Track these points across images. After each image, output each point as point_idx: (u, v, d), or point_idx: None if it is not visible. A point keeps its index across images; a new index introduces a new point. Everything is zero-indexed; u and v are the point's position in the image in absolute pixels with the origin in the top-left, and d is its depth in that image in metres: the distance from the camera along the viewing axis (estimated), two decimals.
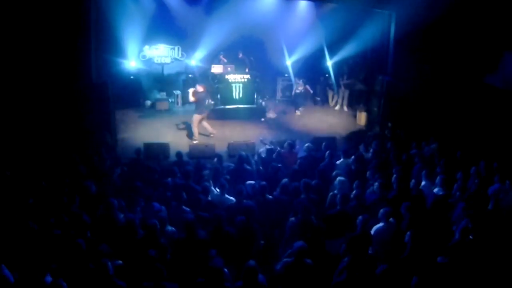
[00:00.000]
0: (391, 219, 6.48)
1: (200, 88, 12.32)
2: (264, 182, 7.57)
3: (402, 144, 10.43)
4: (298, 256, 5.39)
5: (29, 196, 7.02)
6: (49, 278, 4.92)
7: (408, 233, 6.17)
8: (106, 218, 6.53)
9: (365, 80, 15.28)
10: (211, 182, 7.86)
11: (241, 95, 14.64)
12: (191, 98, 12.47)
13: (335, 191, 7.59)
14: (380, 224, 6.44)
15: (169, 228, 6.41)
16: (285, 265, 5.46)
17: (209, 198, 7.31)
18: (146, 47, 15.07)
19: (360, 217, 6.24)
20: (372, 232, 6.37)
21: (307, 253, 5.42)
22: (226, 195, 7.44)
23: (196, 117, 12.36)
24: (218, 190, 7.70)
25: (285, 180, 7.78)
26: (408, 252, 5.94)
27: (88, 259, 5.37)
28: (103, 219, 6.52)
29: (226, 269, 5.26)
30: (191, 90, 12.51)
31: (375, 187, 7.59)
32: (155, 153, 10.58)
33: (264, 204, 7.19)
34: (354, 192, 7.36)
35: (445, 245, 5.89)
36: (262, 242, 6.66)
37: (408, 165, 9.02)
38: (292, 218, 6.57)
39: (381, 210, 6.47)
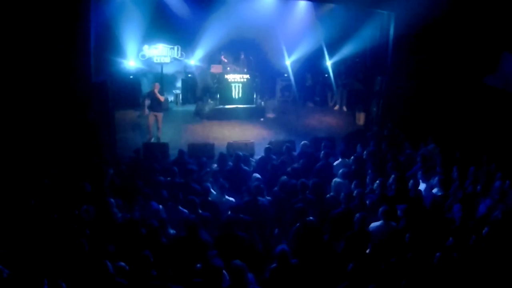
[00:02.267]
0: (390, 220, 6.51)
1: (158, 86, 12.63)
2: (260, 184, 7.57)
3: (401, 144, 10.45)
4: (280, 260, 5.37)
5: (29, 194, 7.04)
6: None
7: (408, 234, 6.19)
8: (104, 217, 6.53)
9: (364, 80, 15.31)
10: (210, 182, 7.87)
11: (240, 95, 14.66)
12: (162, 98, 12.58)
13: (332, 193, 7.62)
14: (379, 222, 6.46)
15: (171, 230, 6.41)
16: (270, 271, 5.45)
17: (209, 199, 7.30)
18: (146, 46, 15.06)
19: (357, 215, 6.26)
20: (371, 229, 6.39)
21: (289, 256, 5.41)
22: (226, 196, 7.43)
23: (161, 115, 12.60)
24: (214, 191, 7.69)
25: (284, 177, 7.78)
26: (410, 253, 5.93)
27: (90, 259, 5.39)
28: (101, 219, 6.52)
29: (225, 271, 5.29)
30: (156, 91, 12.44)
31: (375, 185, 7.61)
32: (154, 152, 10.57)
33: (262, 204, 7.20)
34: (355, 191, 7.39)
35: (443, 245, 5.91)
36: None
37: (406, 166, 9.04)
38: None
39: (381, 209, 6.51)
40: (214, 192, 7.56)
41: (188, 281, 5.25)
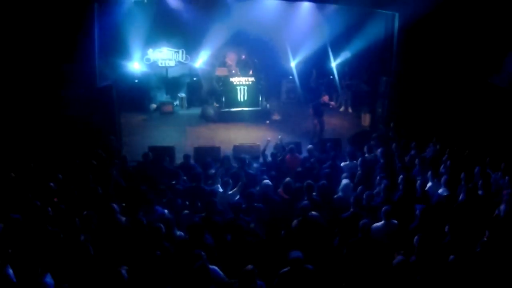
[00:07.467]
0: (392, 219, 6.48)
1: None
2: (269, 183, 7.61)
3: (407, 144, 10.41)
4: (293, 266, 5.33)
5: (35, 198, 7.06)
6: (49, 280, 4.92)
7: (416, 237, 6.16)
8: (108, 222, 6.54)
9: (369, 81, 15.28)
10: (218, 181, 7.93)
11: (245, 98, 14.66)
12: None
13: (340, 194, 7.60)
14: (380, 223, 6.44)
15: (177, 232, 6.41)
16: (281, 275, 5.41)
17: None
18: (150, 50, 15.13)
19: (361, 222, 6.19)
20: (372, 230, 6.36)
21: (303, 263, 5.36)
22: (229, 192, 7.52)
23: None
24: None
25: (288, 179, 7.78)
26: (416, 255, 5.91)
27: (96, 263, 5.39)
28: (106, 224, 6.53)
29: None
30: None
31: (380, 188, 7.59)
32: (161, 156, 10.58)
33: (270, 204, 7.22)
34: (364, 194, 7.36)
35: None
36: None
37: (413, 166, 9.01)
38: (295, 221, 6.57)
39: (383, 209, 6.49)
40: (221, 190, 7.60)
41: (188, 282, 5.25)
